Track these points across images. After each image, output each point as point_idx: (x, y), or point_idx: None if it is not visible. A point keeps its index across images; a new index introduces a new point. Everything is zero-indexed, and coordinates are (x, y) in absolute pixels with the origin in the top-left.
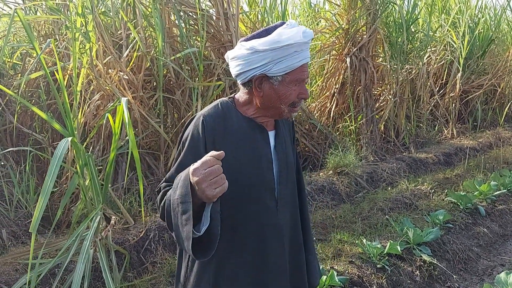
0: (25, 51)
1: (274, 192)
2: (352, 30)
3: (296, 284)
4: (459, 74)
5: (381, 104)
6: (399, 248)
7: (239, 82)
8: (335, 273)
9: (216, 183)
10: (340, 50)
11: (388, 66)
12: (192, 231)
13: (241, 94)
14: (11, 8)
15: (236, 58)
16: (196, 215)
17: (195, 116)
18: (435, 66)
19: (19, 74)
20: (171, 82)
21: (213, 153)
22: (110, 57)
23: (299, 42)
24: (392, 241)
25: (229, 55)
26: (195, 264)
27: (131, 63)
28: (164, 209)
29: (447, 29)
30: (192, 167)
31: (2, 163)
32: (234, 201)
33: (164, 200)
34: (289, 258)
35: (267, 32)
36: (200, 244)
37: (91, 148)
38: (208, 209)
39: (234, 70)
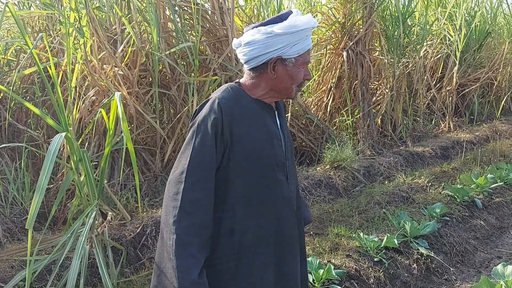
0: (19, 47)
1: (285, 167)
2: (348, 24)
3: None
4: (456, 68)
5: (378, 98)
6: (396, 242)
7: (250, 66)
8: (332, 267)
9: None
10: (337, 44)
11: (385, 60)
12: None
13: (247, 78)
14: (3, 3)
15: (253, 43)
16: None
17: (207, 100)
18: (432, 59)
19: (14, 71)
20: (167, 78)
21: None
22: (104, 52)
23: (309, 28)
24: (389, 235)
25: (241, 41)
26: (218, 235)
27: (126, 59)
28: (167, 247)
29: (444, 23)
30: None
31: None
32: (252, 177)
33: (185, 252)
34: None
35: (281, 18)
36: None
37: (86, 144)
38: None
39: (248, 54)
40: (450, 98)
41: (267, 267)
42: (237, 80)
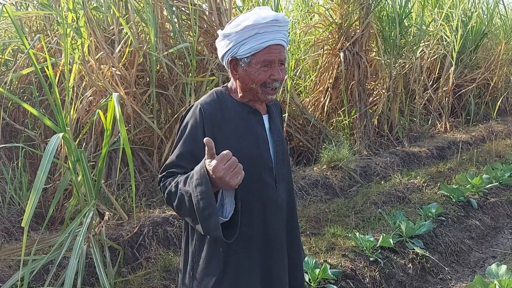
0: (16, 47)
1: (273, 171)
2: (345, 25)
3: (292, 261)
4: (452, 68)
5: (375, 99)
6: (391, 241)
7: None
8: (328, 266)
9: (236, 173)
10: (334, 45)
11: (382, 60)
12: (219, 221)
13: (232, 81)
14: (1, 3)
15: (217, 45)
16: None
17: (192, 105)
18: (428, 60)
19: (11, 71)
20: (164, 78)
21: (207, 140)
22: (102, 52)
23: (259, 24)
24: (385, 234)
25: None
26: (203, 246)
27: (123, 59)
28: (172, 198)
29: (440, 23)
30: (210, 165)
31: None
32: None
33: (169, 187)
34: (286, 234)
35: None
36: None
37: (84, 144)
38: (231, 195)
39: (219, 57)
40: (446, 99)
41: (253, 271)
42: (225, 85)
